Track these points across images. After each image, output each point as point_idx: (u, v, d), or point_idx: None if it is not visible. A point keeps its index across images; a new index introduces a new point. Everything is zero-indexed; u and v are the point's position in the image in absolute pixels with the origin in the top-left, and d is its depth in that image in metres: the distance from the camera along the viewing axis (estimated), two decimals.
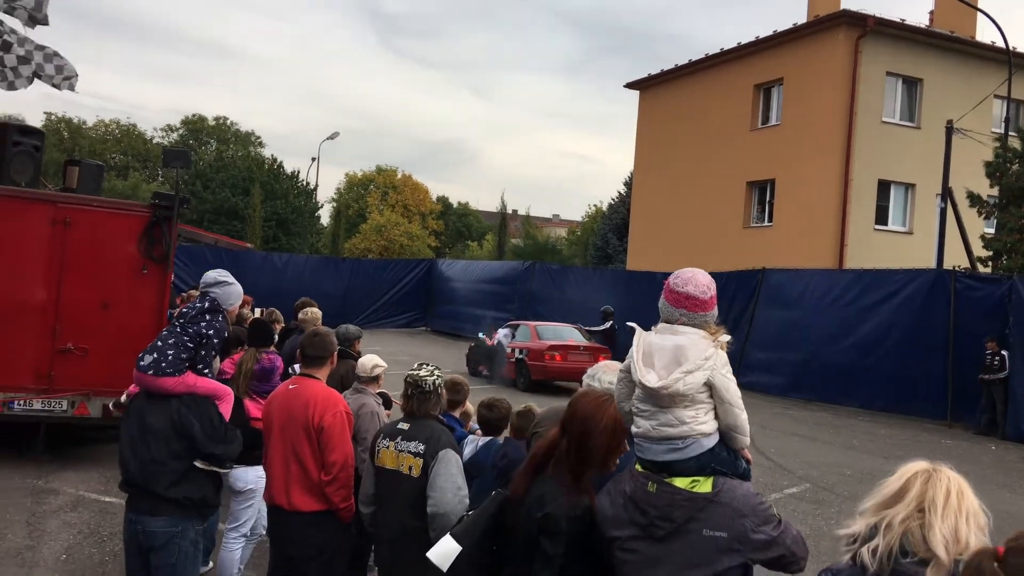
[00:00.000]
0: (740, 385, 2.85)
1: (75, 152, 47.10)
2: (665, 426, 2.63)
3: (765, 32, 26.82)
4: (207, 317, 4.43)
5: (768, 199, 27.08)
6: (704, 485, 2.59)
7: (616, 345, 18.54)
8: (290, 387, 4.56)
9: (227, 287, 4.61)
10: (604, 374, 3.87)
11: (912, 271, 17.94)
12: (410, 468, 4.08)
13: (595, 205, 57.52)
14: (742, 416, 2.69)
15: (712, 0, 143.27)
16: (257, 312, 13.37)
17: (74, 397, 8.98)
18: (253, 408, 5.49)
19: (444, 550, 3.02)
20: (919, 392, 16.84)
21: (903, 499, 2.20)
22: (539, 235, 53.61)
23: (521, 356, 18.11)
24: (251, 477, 5.49)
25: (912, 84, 25.57)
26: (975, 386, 15.78)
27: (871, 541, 2.16)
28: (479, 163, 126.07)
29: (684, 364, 2.62)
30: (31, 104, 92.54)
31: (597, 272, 30.20)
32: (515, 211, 60.30)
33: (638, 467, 2.73)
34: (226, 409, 4.56)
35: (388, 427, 4.33)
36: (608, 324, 19.93)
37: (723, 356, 2.70)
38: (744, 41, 27.59)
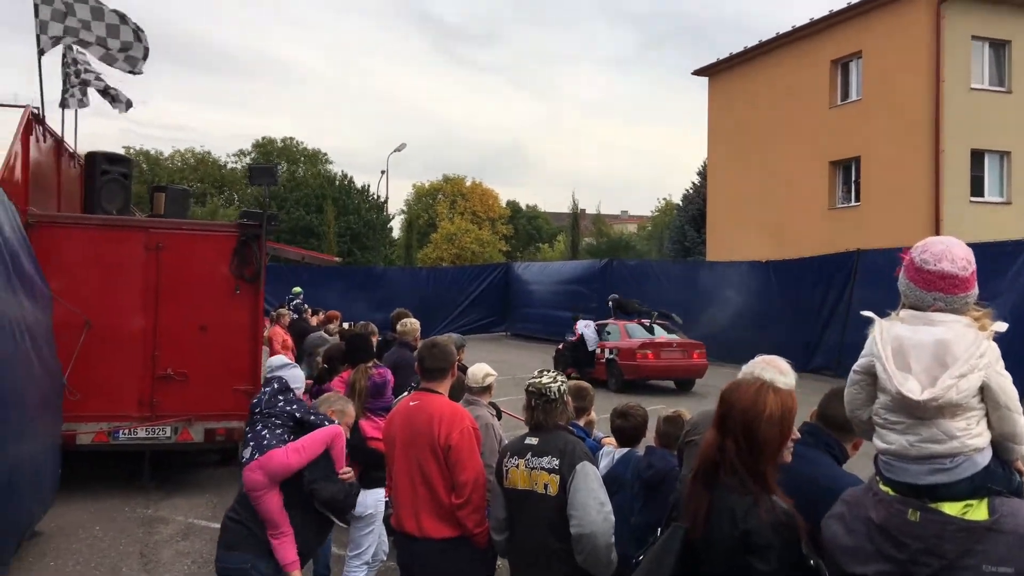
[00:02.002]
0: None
1: (155, 183, 48.48)
2: (929, 442, 2.16)
3: (833, 7, 25.78)
4: (281, 397, 4.49)
5: (854, 178, 26.02)
6: (978, 510, 2.12)
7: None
8: (411, 403, 4.26)
9: (292, 369, 4.79)
10: (763, 371, 3.44)
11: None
12: (545, 486, 3.74)
13: (664, 198, 56.66)
14: (1021, 422, 2.21)
15: None
16: (345, 326, 13.29)
17: (177, 423, 8.93)
18: (369, 428, 5.23)
19: None
20: None
21: None
22: (611, 232, 52.97)
23: (612, 356, 17.68)
24: (370, 501, 5.23)
25: (999, 47, 24.23)
26: None
27: None
28: (544, 164, 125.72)
29: (953, 366, 2.14)
30: (111, 139, 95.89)
31: (677, 265, 29.55)
32: (583, 210, 59.70)
33: (886, 489, 2.26)
34: (341, 448, 4.41)
35: (514, 444, 3.98)
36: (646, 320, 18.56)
37: (996, 349, 2.23)
38: (816, 16, 26.59)
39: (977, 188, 24.16)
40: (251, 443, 4.27)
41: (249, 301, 9.22)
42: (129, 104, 10.86)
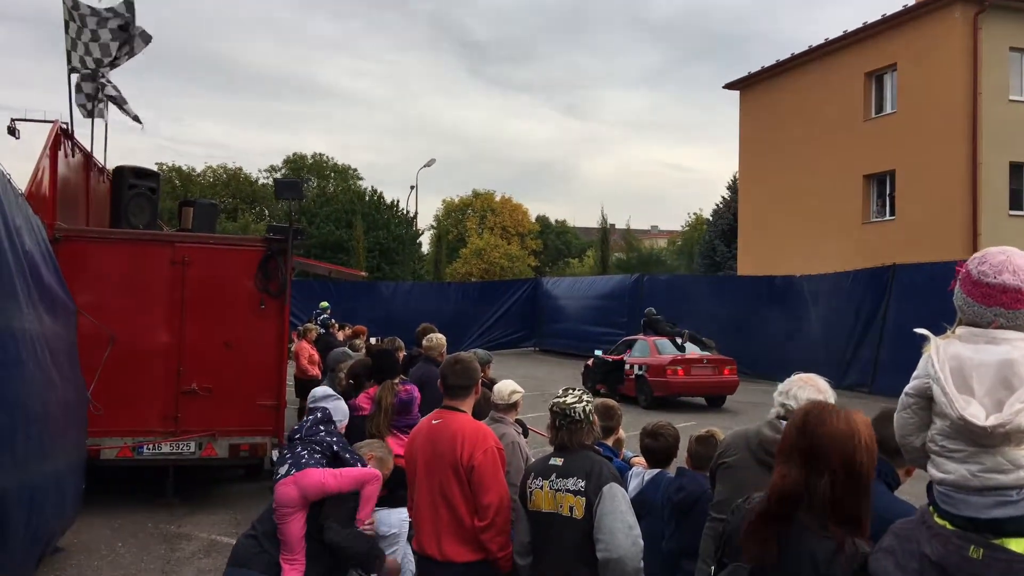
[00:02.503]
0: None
1: (186, 198, 48.83)
2: (993, 472, 1.96)
3: (867, 19, 25.45)
4: (322, 428, 4.48)
5: (888, 191, 25.58)
6: None
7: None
8: (434, 421, 4.11)
9: (336, 401, 4.82)
10: (800, 390, 3.26)
11: None
12: (571, 509, 3.58)
13: (695, 213, 56.23)
14: None
15: (800, 1, 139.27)
16: (372, 341, 13.19)
17: (201, 438, 8.86)
18: (395, 445, 5.09)
19: None
20: None
21: None
22: (641, 247, 52.69)
23: (641, 372, 17.36)
24: (395, 520, 5.06)
25: None
26: None
27: None
28: (574, 180, 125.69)
29: (1021, 388, 1.95)
30: (145, 155, 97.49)
31: (709, 280, 29.22)
32: (613, 225, 59.50)
33: (943, 523, 2.05)
34: (374, 491, 4.35)
35: (538, 464, 3.82)
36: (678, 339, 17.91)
37: None
38: (850, 29, 26.26)
39: (1016, 201, 23.64)
40: (288, 460, 4.26)
41: (274, 316, 9.16)
42: (137, 118, 10.97)
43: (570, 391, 3.86)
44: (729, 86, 32.23)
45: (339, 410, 4.75)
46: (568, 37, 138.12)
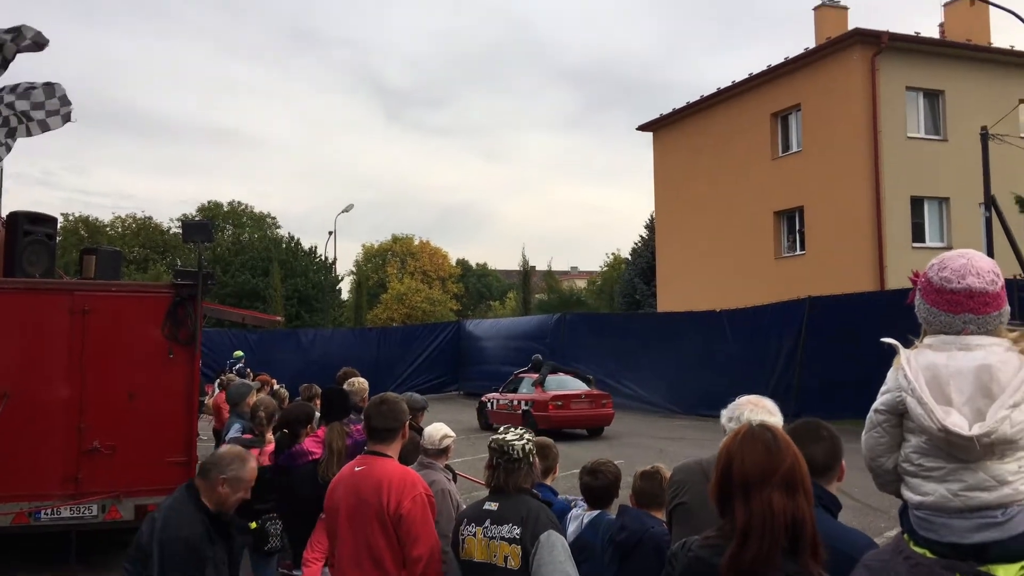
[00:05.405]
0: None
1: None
2: (975, 490, 1.81)
3: (771, 62, 26.43)
4: None
5: (798, 227, 26.35)
6: None
7: None
8: (356, 468, 3.82)
9: None
10: (753, 413, 3.03)
11: None
12: (506, 558, 3.34)
13: (613, 253, 56.94)
14: None
15: (707, 47, 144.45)
16: (278, 388, 12.60)
17: (104, 500, 8.25)
18: None
19: None
20: None
21: None
22: (562, 288, 53.01)
23: (527, 408, 18.93)
24: None
25: (934, 97, 24.98)
26: None
27: None
28: (493, 224, 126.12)
29: (1003, 395, 1.81)
30: (53, 208, 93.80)
31: (631, 318, 29.44)
32: (534, 267, 59.77)
33: (922, 551, 1.88)
34: None
35: (472, 509, 3.58)
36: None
37: None
38: (755, 71, 27.20)
39: (918, 234, 24.62)
40: None
41: (184, 366, 8.66)
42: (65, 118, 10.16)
43: (511, 429, 3.64)
44: (643, 128, 32.92)
45: None
46: (484, 83, 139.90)
